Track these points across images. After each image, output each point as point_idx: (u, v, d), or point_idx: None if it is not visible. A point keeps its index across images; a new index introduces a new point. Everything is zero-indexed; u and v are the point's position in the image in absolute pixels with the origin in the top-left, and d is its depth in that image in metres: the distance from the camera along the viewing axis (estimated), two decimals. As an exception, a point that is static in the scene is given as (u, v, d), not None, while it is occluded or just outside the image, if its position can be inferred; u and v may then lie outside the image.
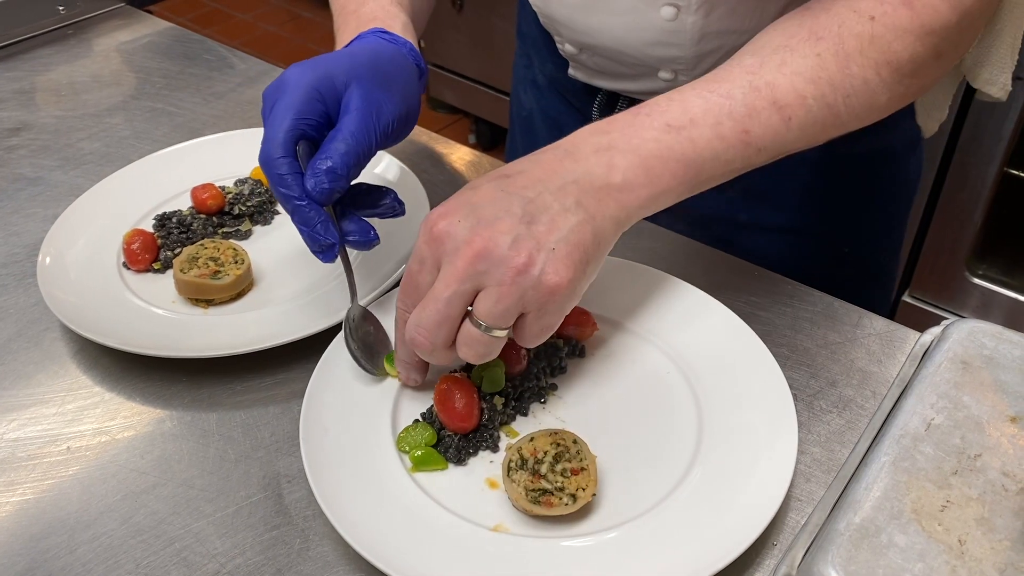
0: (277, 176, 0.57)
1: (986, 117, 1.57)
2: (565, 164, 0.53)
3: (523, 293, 0.51)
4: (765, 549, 0.52)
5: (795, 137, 0.56)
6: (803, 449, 0.58)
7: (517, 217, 0.51)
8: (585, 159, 0.53)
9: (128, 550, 0.53)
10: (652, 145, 0.53)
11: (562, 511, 0.51)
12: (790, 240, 0.84)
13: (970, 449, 0.50)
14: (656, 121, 0.54)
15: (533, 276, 0.50)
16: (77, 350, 0.67)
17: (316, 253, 0.58)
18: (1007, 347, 0.56)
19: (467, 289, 0.51)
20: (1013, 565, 0.44)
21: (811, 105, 0.55)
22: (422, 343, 0.53)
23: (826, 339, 0.66)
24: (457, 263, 0.50)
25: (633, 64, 0.74)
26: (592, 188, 0.53)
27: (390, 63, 0.62)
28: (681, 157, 0.54)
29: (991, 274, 1.76)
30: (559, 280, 0.51)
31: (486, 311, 0.51)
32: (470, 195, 0.53)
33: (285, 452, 0.59)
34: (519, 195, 0.52)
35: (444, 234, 0.51)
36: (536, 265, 0.50)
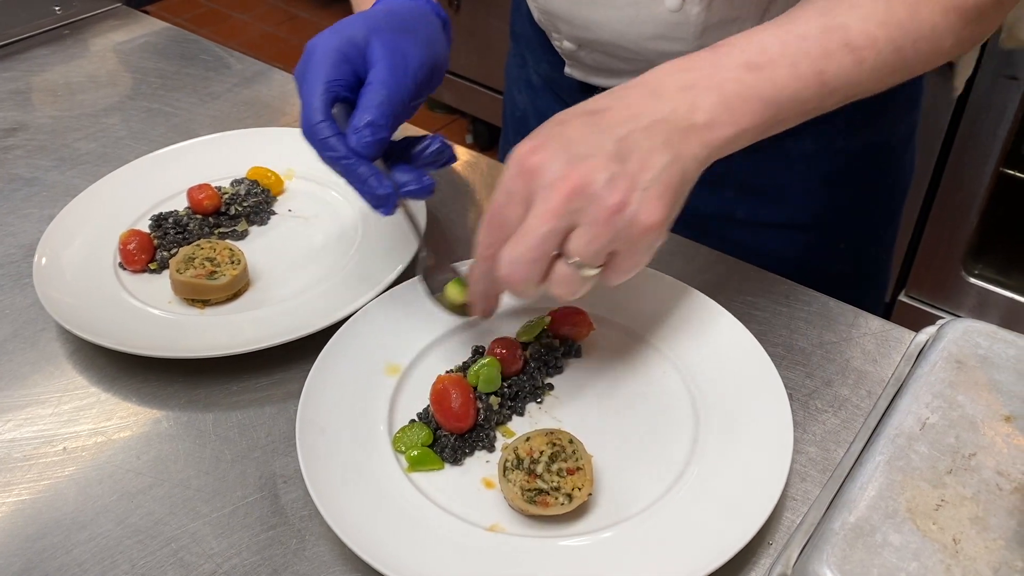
0: (320, 141, 0.57)
1: (982, 117, 1.58)
2: (651, 102, 0.52)
3: (617, 232, 0.50)
4: (761, 548, 0.52)
5: (866, 79, 0.56)
6: (799, 448, 0.58)
7: (610, 155, 0.50)
8: (670, 97, 0.52)
9: (124, 550, 0.53)
10: (734, 84, 0.53)
11: (558, 511, 0.52)
12: (788, 236, 0.84)
13: (964, 448, 0.50)
14: (736, 59, 0.54)
15: (628, 215, 0.49)
16: (73, 351, 0.67)
17: (375, 207, 0.58)
18: (1001, 346, 0.56)
19: (563, 226, 0.50)
20: (1007, 564, 0.44)
21: (882, 48, 0.56)
22: (517, 279, 0.51)
23: (822, 339, 0.66)
24: (552, 199, 0.49)
25: (633, 60, 0.74)
26: (678, 127, 0.52)
27: (408, 14, 0.62)
28: (761, 96, 0.53)
29: (987, 274, 1.76)
30: (653, 220, 0.50)
31: (580, 249, 0.50)
32: (560, 129, 0.51)
33: (281, 452, 0.59)
34: (610, 132, 0.51)
35: (537, 168, 0.50)
36: (631, 204, 0.49)
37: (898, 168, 0.85)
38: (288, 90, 1.00)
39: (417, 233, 0.62)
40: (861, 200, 0.85)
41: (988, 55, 1.53)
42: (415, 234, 0.62)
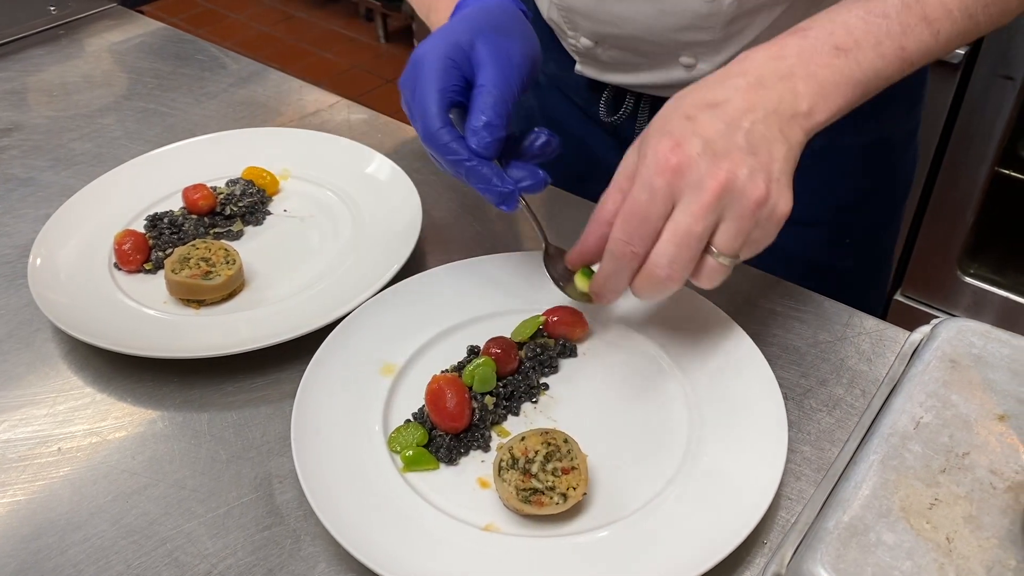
0: (442, 146, 0.57)
1: (978, 117, 1.58)
2: (761, 93, 0.54)
3: (758, 223, 0.53)
4: (755, 547, 0.52)
5: (940, 49, 0.58)
6: (793, 448, 0.58)
7: (744, 150, 0.52)
8: (774, 87, 0.54)
9: (119, 551, 0.53)
10: (827, 71, 0.55)
11: (553, 510, 0.52)
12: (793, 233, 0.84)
13: (958, 447, 0.50)
14: (825, 43, 0.56)
15: (769, 207, 0.52)
16: (68, 351, 0.67)
17: (499, 204, 0.59)
18: (995, 346, 0.56)
19: (712, 222, 0.52)
20: (1000, 562, 0.44)
21: (956, 17, 0.57)
22: (672, 279, 0.54)
23: (816, 338, 0.66)
24: (704, 197, 0.51)
25: (654, 53, 0.74)
26: (786, 116, 0.54)
27: (501, 13, 0.62)
28: (850, 79, 0.56)
29: (982, 273, 1.77)
30: (787, 208, 0.53)
31: (727, 243, 0.53)
32: (691, 126, 0.53)
33: (277, 452, 0.59)
34: (738, 125, 0.53)
35: (684, 166, 0.52)
36: (772, 196, 0.52)
37: (901, 164, 0.86)
38: (283, 90, 1.00)
39: (539, 226, 0.63)
40: (866, 196, 0.85)
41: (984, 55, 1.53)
42: (537, 227, 0.63)
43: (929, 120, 1.63)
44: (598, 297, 0.59)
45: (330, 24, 3.38)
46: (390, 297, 0.67)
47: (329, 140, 0.85)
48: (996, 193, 1.67)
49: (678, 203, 0.52)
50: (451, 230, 0.78)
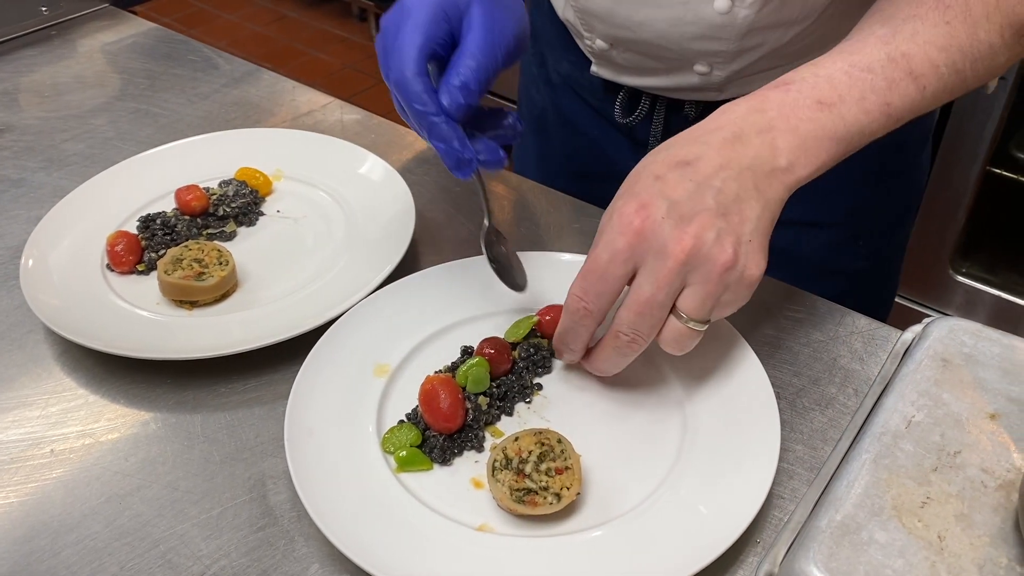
0: (413, 93, 0.56)
1: (968, 117, 1.59)
2: (737, 149, 0.53)
3: (727, 287, 0.52)
4: (748, 547, 0.53)
5: (927, 104, 0.57)
6: (786, 447, 0.58)
7: (713, 211, 0.51)
8: (751, 142, 0.53)
9: (112, 552, 0.53)
10: (809, 125, 0.54)
11: (546, 510, 0.52)
12: (810, 235, 0.84)
13: (950, 446, 0.50)
14: (808, 97, 0.54)
15: (738, 271, 0.51)
16: (60, 352, 0.66)
17: (454, 169, 0.58)
18: (986, 344, 0.56)
19: (676, 288, 0.52)
20: (992, 560, 0.45)
21: (943, 73, 0.56)
22: (634, 345, 0.54)
23: (809, 337, 0.66)
24: (668, 264, 0.50)
25: (669, 59, 0.74)
26: (763, 172, 0.53)
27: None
28: (833, 135, 0.54)
29: (975, 272, 1.78)
30: (759, 272, 0.52)
31: (694, 308, 0.52)
32: (658, 187, 0.52)
33: (270, 454, 0.59)
34: (708, 185, 0.51)
35: (648, 231, 0.51)
36: (740, 260, 0.51)
37: (915, 165, 0.86)
38: (276, 90, 0.99)
39: (486, 202, 0.63)
40: (881, 197, 0.85)
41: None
42: (484, 203, 0.63)
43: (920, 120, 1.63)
44: (557, 353, 0.60)
45: (323, 24, 3.38)
46: (383, 298, 0.67)
47: (322, 140, 0.85)
48: (988, 192, 1.68)
49: (641, 268, 0.52)
50: (444, 231, 0.78)
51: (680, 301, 0.52)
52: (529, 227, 0.79)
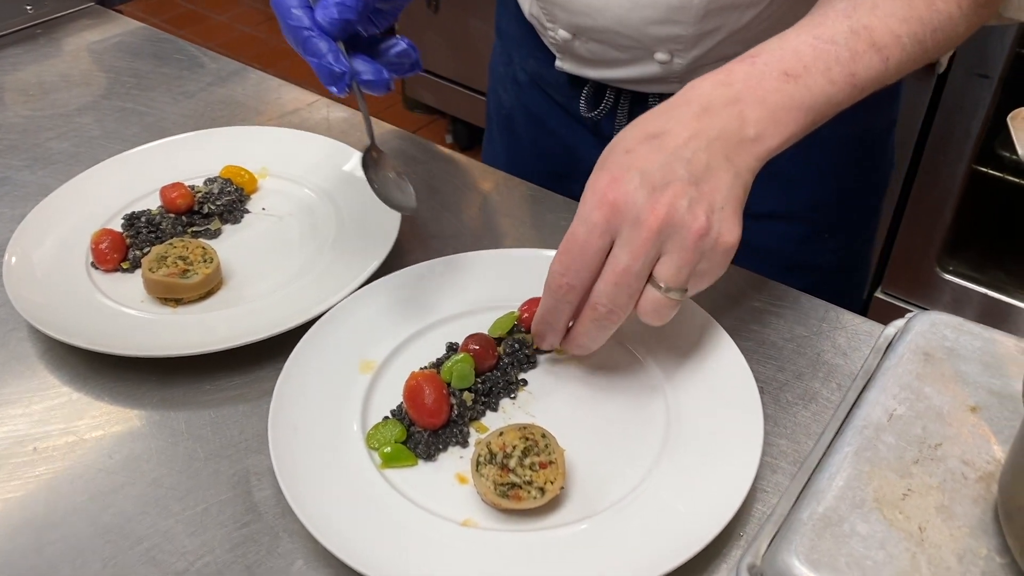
0: (286, 8, 0.57)
1: (955, 115, 1.60)
2: (704, 120, 0.53)
3: (703, 254, 0.52)
4: (732, 540, 0.53)
5: (891, 75, 0.58)
6: (770, 441, 0.58)
7: (685, 180, 0.51)
8: (719, 113, 0.54)
9: (96, 549, 0.53)
10: (776, 96, 0.55)
11: (530, 504, 0.52)
12: (777, 228, 0.85)
13: (931, 439, 0.51)
14: (774, 69, 0.55)
15: (712, 238, 0.52)
16: (44, 350, 0.66)
17: (328, 84, 0.58)
18: (968, 339, 0.57)
19: (652, 257, 0.52)
20: (972, 551, 0.45)
21: (905, 43, 0.58)
22: (613, 317, 0.54)
23: (793, 333, 0.67)
24: (642, 233, 0.51)
25: (630, 47, 0.74)
26: (733, 142, 0.53)
27: None
28: (801, 105, 0.55)
29: (961, 270, 1.78)
30: (732, 239, 0.53)
31: (671, 276, 0.52)
32: (629, 159, 0.52)
33: (255, 450, 0.59)
34: (679, 156, 0.52)
35: (621, 202, 0.51)
36: (713, 227, 0.52)
37: (880, 157, 0.87)
38: (262, 89, 0.99)
39: (368, 124, 0.63)
40: (845, 192, 0.86)
41: (961, 54, 1.54)
42: (366, 125, 0.63)
43: (907, 119, 1.64)
44: (538, 338, 0.59)
45: (312, 25, 3.36)
46: (368, 295, 0.67)
47: (307, 138, 0.85)
48: (974, 191, 1.69)
49: (617, 239, 0.52)
50: (430, 228, 0.78)
51: (657, 270, 0.52)
52: (504, 221, 0.79)
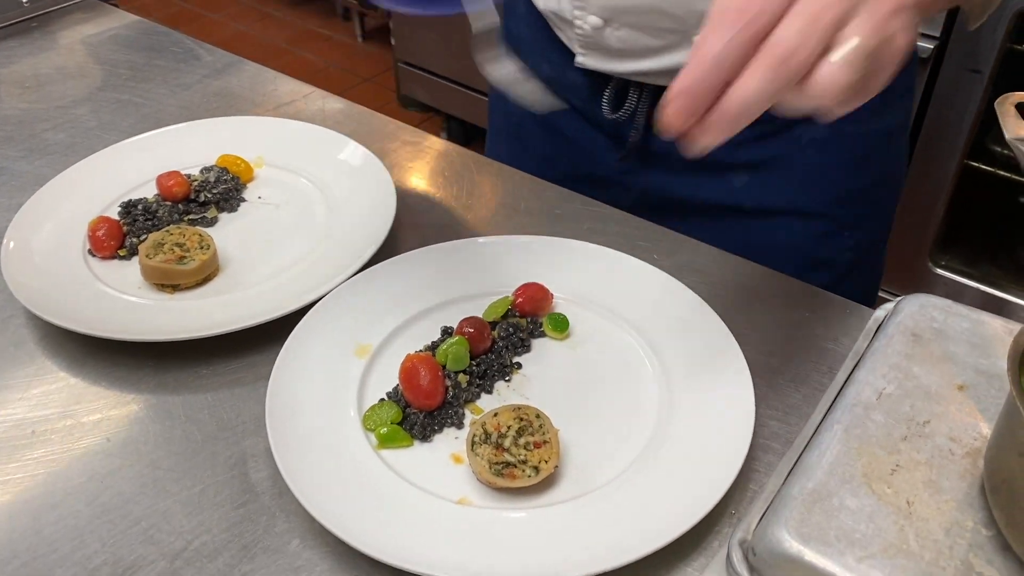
0: None
1: (946, 111, 1.61)
2: None
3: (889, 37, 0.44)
4: (723, 518, 0.53)
5: None
6: (762, 422, 0.59)
7: None
8: None
9: (94, 529, 0.53)
10: None
11: (525, 483, 0.52)
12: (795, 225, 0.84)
13: (919, 416, 0.51)
14: None
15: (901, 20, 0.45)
16: (42, 336, 0.67)
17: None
18: (955, 320, 0.57)
19: (846, 8, 0.44)
20: (958, 524, 0.46)
21: None
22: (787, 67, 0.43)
23: (785, 318, 0.67)
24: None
25: (669, 30, 0.71)
26: None
27: None
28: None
29: (954, 264, 1.80)
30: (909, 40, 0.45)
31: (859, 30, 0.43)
32: None
33: (251, 432, 0.59)
34: None
35: None
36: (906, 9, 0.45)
37: (896, 155, 0.87)
38: (259, 80, 1.00)
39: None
40: (865, 186, 0.85)
41: (952, 49, 1.56)
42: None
43: (899, 113, 1.65)
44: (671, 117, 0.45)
45: (307, 23, 3.38)
46: (365, 280, 0.67)
47: (303, 128, 0.85)
48: (966, 186, 1.70)
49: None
50: (425, 216, 0.78)
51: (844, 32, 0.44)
52: (500, 209, 0.79)
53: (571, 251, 0.70)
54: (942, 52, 1.57)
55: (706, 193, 0.81)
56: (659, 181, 0.83)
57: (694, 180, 0.81)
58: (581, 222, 0.77)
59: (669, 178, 0.82)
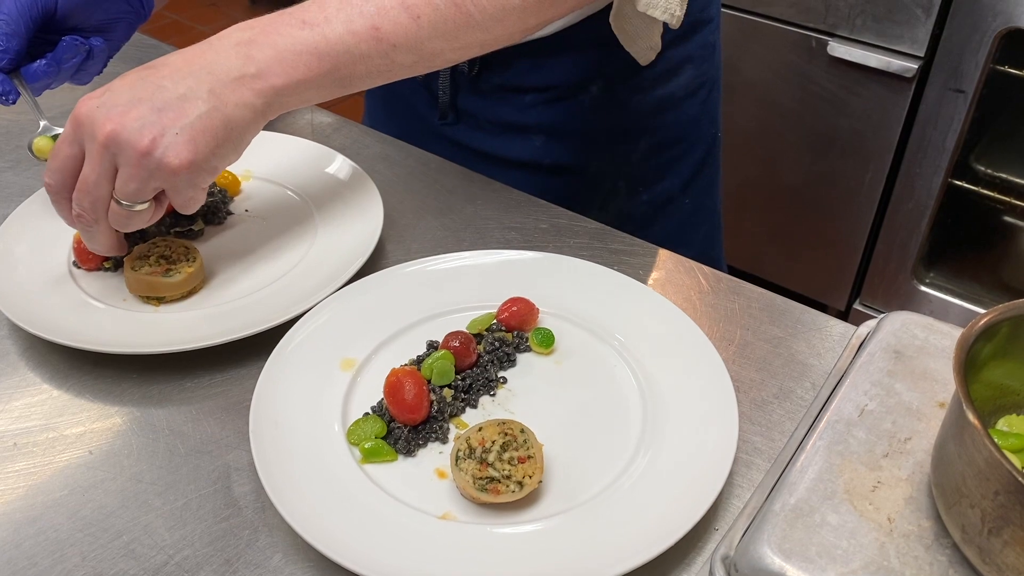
0: None
1: (930, 129, 1.62)
2: (205, 55, 0.60)
3: (150, 173, 0.59)
4: (707, 534, 0.54)
5: (428, 35, 0.63)
6: (745, 438, 0.59)
7: (148, 105, 0.59)
8: (224, 51, 0.60)
9: (75, 543, 0.53)
10: (288, 40, 0.61)
11: (508, 498, 0.52)
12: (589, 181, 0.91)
13: (901, 433, 0.52)
14: (295, 19, 0.61)
15: (156, 158, 0.58)
16: (25, 348, 0.66)
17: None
18: (937, 337, 0.58)
19: (107, 169, 0.59)
20: (939, 540, 0.46)
21: (438, 4, 0.62)
22: (85, 219, 0.62)
23: (768, 333, 0.68)
24: (95, 147, 0.59)
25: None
26: (228, 78, 0.60)
27: None
28: (315, 50, 0.61)
29: (938, 282, 1.81)
30: (180, 162, 0.59)
31: (120, 189, 0.60)
32: (117, 83, 0.60)
33: (235, 446, 0.59)
34: (155, 83, 0.59)
35: (84, 117, 0.59)
36: (159, 148, 0.58)
37: (691, 116, 0.92)
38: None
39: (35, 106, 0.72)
40: (651, 147, 0.91)
41: (936, 69, 1.57)
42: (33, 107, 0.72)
43: (884, 132, 1.67)
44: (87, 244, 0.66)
45: (298, 37, 3.38)
46: (350, 294, 0.67)
47: (290, 141, 0.85)
48: (950, 204, 1.72)
49: (85, 152, 0.60)
50: (412, 230, 0.78)
51: (116, 182, 0.60)
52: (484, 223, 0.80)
53: (558, 266, 0.70)
54: (926, 72, 1.59)
55: (514, 151, 0.89)
56: (473, 137, 0.91)
57: (501, 138, 0.90)
58: (567, 237, 0.77)
59: (481, 135, 0.90)
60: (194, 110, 0.59)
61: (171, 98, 0.59)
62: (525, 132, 0.89)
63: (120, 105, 0.58)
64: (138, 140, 0.58)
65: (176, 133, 0.58)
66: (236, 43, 0.60)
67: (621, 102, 0.87)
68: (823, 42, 1.65)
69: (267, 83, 0.60)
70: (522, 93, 0.87)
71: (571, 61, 0.84)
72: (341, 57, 0.61)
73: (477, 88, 0.88)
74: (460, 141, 0.93)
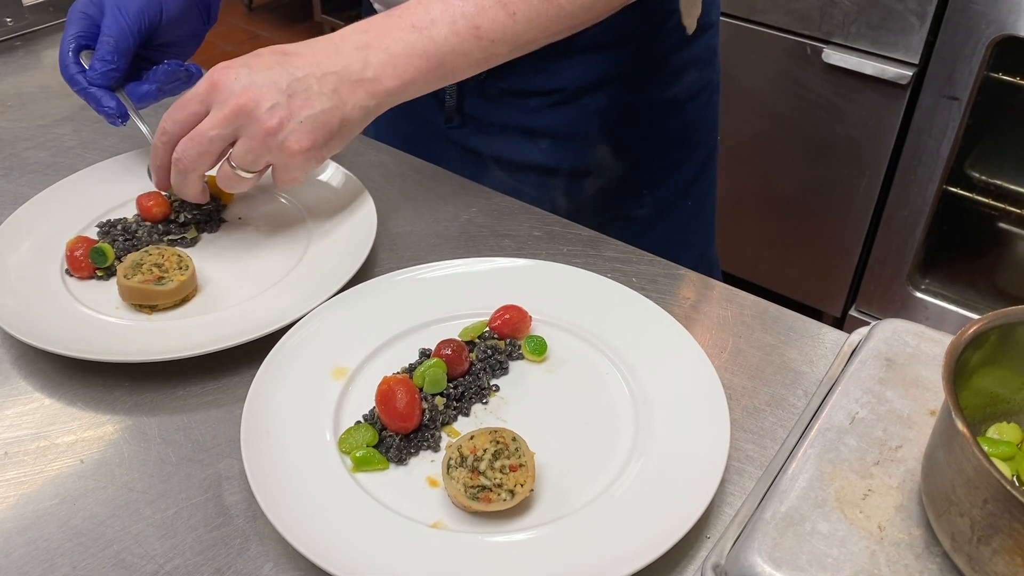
0: (68, 76, 0.75)
1: (925, 136, 1.63)
2: (331, 57, 0.65)
3: (269, 150, 0.65)
4: (698, 542, 0.53)
5: (523, 28, 0.68)
6: (736, 445, 0.59)
7: (281, 89, 0.63)
8: (347, 54, 0.66)
9: (65, 552, 0.53)
10: (400, 44, 0.66)
11: (500, 507, 0.52)
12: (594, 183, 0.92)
13: (891, 441, 0.52)
14: (404, 22, 0.66)
15: (278, 139, 0.64)
16: (17, 356, 0.66)
17: (110, 121, 0.76)
18: (928, 345, 0.58)
19: (227, 134, 0.64)
20: (929, 549, 0.46)
21: (533, 1, 0.67)
22: (184, 166, 0.66)
23: (760, 341, 0.68)
24: (224, 111, 0.63)
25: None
26: (350, 80, 0.65)
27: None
28: (423, 53, 0.66)
29: (933, 288, 1.81)
30: (299, 147, 0.65)
31: (238, 156, 0.65)
32: (255, 60, 0.65)
33: (227, 455, 0.59)
34: (289, 71, 0.64)
35: (220, 83, 0.64)
36: (283, 132, 0.64)
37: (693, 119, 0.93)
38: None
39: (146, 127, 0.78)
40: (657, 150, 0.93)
41: (931, 76, 1.58)
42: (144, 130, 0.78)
43: (878, 139, 1.68)
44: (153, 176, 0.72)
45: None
46: (343, 302, 0.67)
47: (285, 150, 0.85)
48: (945, 211, 1.72)
49: (210, 110, 0.64)
50: (405, 238, 0.79)
51: (234, 147, 0.65)
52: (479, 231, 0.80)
53: (551, 274, 0.70)
54: (921, 79, 1.59)
55: (520, 155, 0.91)
56: (479, 141, 0.92)
57: (507, 142, 0.91)
58: (560, 244, 0.77)
59: (487, 139, 0.92)
60: (319, 104, 0.64)
61: (300, 89, 0.64)
62: (531, 136, 0.90)
63: (257, 84, 0.63)
64: (267, 120, 0.63)
65: (300, 121, 0.64)
66: (356, 46, 0.65)
67: (627, 105, 0.88)
68: (818, 49, 1.66)
69: (381, 86, 0.65)
70: (528, 97, 0.87)
71: (577, 65, 0.85)
72: (446, 56, 0.66)
73: (483, 92, 0.88)
74: (466, 145, 0.93)
